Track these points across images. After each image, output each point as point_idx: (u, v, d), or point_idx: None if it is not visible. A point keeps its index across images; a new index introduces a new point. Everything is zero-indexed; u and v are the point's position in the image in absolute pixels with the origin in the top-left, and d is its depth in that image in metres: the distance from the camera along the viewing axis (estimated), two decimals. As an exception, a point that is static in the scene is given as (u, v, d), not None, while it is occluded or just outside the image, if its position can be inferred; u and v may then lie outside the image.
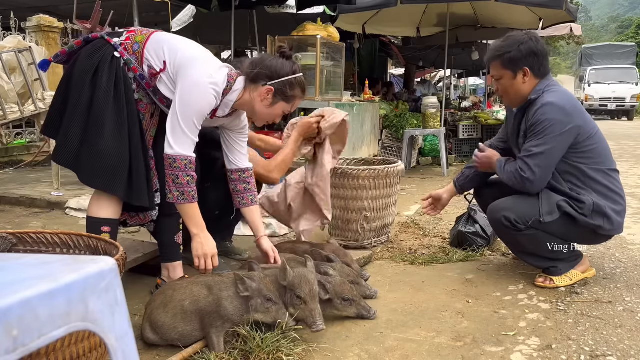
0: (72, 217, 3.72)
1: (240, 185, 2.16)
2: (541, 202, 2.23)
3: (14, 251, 1.62)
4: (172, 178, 1.82)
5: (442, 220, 3.63)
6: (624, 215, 2.31)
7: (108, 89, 1.83)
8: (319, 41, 4.64)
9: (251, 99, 1.96)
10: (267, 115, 2.01)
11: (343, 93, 5.29)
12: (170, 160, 1.81)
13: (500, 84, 2.37)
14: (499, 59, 2.31)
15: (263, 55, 2.00)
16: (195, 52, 1.90)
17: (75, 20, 5.08)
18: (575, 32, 9.76)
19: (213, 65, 1.89)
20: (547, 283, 2.32)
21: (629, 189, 4.75)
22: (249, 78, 1.95)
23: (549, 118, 2.17)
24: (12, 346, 0.62)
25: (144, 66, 1.89)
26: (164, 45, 1.89)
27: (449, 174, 5.74)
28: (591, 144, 2.24)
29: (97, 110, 1.83)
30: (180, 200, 1.84)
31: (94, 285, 0.77)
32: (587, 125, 2.25)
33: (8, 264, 0.84)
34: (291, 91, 1.97)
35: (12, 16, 6.27)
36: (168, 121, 1.82)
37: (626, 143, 9.46)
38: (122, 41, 1.90)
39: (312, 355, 1.69)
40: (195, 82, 1.81)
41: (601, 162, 2.26)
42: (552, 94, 2.22)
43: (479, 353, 1.71)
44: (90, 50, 1.89)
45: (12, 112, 4.73)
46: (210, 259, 1.89)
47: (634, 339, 1.80)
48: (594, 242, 2.45)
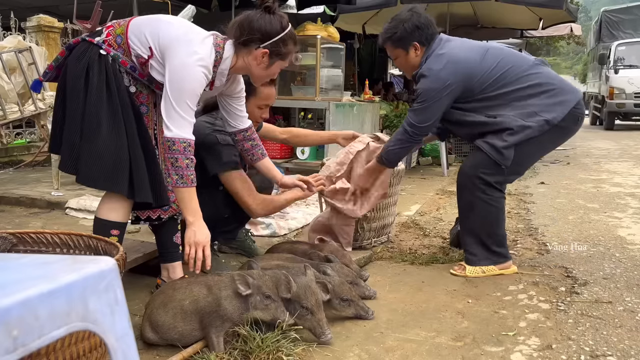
0: (72, 217, 3.72)
1: (247, 144, 2.24)
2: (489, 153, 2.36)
3: (14, 251, 1.62)
4: (170, 161, 1.78)
5: (442, 220, 3.63)
6: (561, 94, 2.36)
7: (100, 88, 1.81)
8: (319, 41, 4.64)
9: (246, 64, 1.92)
10: (265, 76, 2.01)
11: (343, 93, 5.29)
12: (169, 143, 1.77)
13: (398, 63, 2.56)
14: (389, 40, 2.47)
15: (248, 15, 1.89)
16: (176, 31, 1.84)
17: (75, 20, 5.07)
18: (575, 32, 9.78)
19: (196, 40, 1.83)
20: (459, 271, 2.46)
21: (629, 189, 4.75)
22: (239, 42, 1.89)
23: (423, 88, 2.36)
24: (12, 346, 0.62)
25: (132, 57, 1.86)
26: (144, 30, 1.84)
27: (449, 174, 5.74)
28: (494, 89, 2.35)
29: (92, 111, 1.80)
30: (179, 184, 1.79)
31: (94, 285, 0.77)
32: (472, 77, 2.34)
33: (8, 264, 0.84)
34: (285, 48, 1.92)
35: (12, 16, 6.27)
36: (162, 105, 1.79)
37: (626, 143, 9.46)
38: (103, 38, 1.86)
39: (312, 355, 1.69)
40: (182, 63, 1.77)
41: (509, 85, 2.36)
42: (430, 61, 2.37)
43: (479, 353, 1.71)
44: (76, 55, 1.85)
45: (12, 112, 4.73)
46: (201, 248, 1.81)
47: (634, 339, 1.80)
48: (562, 138, 2.50)
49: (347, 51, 6.81)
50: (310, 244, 2.46)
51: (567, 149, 8.17)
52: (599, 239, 3.09)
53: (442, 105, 2.36)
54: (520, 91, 2.35)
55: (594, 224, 3.47)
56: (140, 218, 2.07)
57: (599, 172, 5.94)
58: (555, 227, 3.38)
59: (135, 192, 1.86)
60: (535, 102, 2.34)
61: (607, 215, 3.70)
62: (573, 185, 5.05)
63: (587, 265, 2.59)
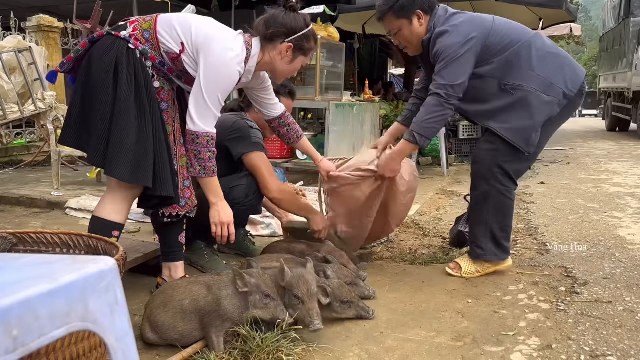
0: (72, 217, 3.72)
1: (283, 129, 2.39)
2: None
3: (14, 251, 1.62)
4: (194, 153, 1.86)
5: (442, 220, 3.63)
6: (571, 63, 2.30)
7: (130, 83, 1.81)
8: (319, 41, 4.64)
9: (271, 59, 1.99)
10: (288, 71, 2.07)
11: (343, 93, 5.29)
12: (192, 136, 1.84)
13: (401, 36, 2.36)
14: (391, 10, 2.31)
15: (274, 13, 1.98)
16: (209, 28, 1.89)
17: (75, 20, 5.07)
18: (575, 32, 9.77)
19: (229, 37, 1.89)
20: (455, 271, 2.44)
21: (629, 189, 4.75)
22: (265, 38, 1.96)
23: (444, 45, 2.19)
24: (12, 346, 0.62)
25: (161, 52, 1.87)
26: (176, 25, 1.87)
27: (449, 174, 5.74)
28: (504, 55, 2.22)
29: (122, 107, 1.80)
30: (202, 174, 1.90)
31: (94, 285, 0.77)
32: (489, 35, 2.22)
33: (8, 264, 0.84)
34: (308, 44, 2.01)
35: (12, 16, 6.27)
36: (191, 97, 1.84)
37: (626, 143, 9.46)
38: (130, 32, 1.86)
39: (312, 355, 1.69)
40: (219, 58, 1.82)
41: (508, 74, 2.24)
42: (444, 23, 2.24)
43: (479, 353, 1.71)
44: (103, 48, 1.84)
45: (12, 112, 4.74)
46: (226, 226, 1.96)
47: (634, 339, 1.79)
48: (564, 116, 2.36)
49: (347, 51, 6.81)
50: (307, 244, 2.45)
51: (567, 149, 8.17)
52: (599, 239, 3.09)
53: (468, 60, 2.19)
54: (534, 58, 2.22)
55: (594, 224, 3.47)
56: (165, 214, 2.03)
57: (599, 172, 5.94)
58: (555, 227, 3.38)
59: (158, 186, 1.87)
60: (550, 72, 2.23)
61: (607, 215, 3.70)
62: (573, 185, 5.05)
63: (587, 265, 2.59)
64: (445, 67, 2.18)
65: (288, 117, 2.38)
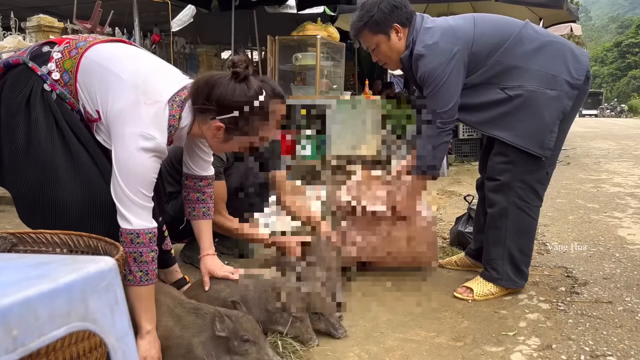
0: (72, 217, 3.72)
1: (193, 194, 1.86)
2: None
3: (14, 251, 1.61)
4: (133, 257, 1.48)
5: (442, 220, 3.63)
6: (570, 50, 2.09)
7: (49, 129, 1.56)
8: (319, 41, 4.64)
9: (202, 133, 1.62)
10: (225, 149, 1.72)
11: (343, 93, 5.29)
12: (131, 236, 1.48)
13: (379, 53, 2.18)
14: (366, 27, 2.12)
15: (212, 77, 1.55)
16: (125, 98, 1.48)
17: (75, 20, 5.08)
18: (575, 32, 9.75)
19: (147, 113, 1.47)
20: (466, 295, 2.18)
21: (629, 189, 4.75)
22: (195, 107, 1.57)
23: (426, 69, 2.02)
24: (12, 346, 0.62)
25: (80, 105, 1.58)
26: (95, 82, 1.54)
27: (449, 174, 5.74)
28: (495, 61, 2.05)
29: (43, 156, 1.55)
30: (143, 281, 1.50)
31: (94, 285, 0.77)
32: (473, 42, 2.05)
33: (8, 264, 0.84)
34: (247, 125, 1.56)
35: (12, 16, 6.26)
36: (112, 192, 1.49)
37: (626, 143, 9.46)
38: (49, 69, 1.57)
39: (312, 355, 1.69)
40: (127, 150, 1.45)
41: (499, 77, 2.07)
42: (421, 38, 2.06)
43: (479, 353, 1.71)
44: (14, 85, 1.57)
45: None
46: None
47: (634, 339, 1.80)
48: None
49: (347, 51, 6.82)
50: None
51: (567, 149, 8.17)
52: (599, 239, 3.09)
53: (456, 78, 2.02)
54: (529, 52, 2.04)
55: (594, 224, 3.47)
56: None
57: (599, 172, 5.94)
58: (555, 227, 3.38)
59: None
60: (549, 64, 2.04)
61: (607, 215, 3.70)
62: (573, 185, 5.05)
63: (587, 265, 2.59)
64: (435, 94, 2.04)
65: (209, 187, 1.88)
